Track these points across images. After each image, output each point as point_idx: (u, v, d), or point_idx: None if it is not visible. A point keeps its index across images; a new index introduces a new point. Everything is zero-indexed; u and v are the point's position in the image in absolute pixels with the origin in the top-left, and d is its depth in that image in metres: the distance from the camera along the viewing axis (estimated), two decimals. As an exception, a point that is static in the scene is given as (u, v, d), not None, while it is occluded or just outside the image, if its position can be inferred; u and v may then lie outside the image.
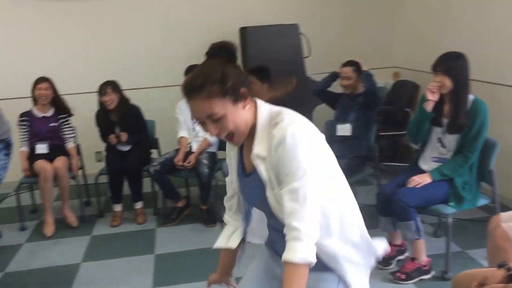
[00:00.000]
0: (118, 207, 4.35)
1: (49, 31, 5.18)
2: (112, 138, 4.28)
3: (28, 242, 4.04)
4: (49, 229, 4.15)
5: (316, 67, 5.02)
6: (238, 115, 1.47)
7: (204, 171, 4.06)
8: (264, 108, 1.54)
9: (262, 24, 4.84)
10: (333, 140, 3.94)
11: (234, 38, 5.20)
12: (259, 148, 1.49)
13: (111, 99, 4.23)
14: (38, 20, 5.14)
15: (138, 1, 5.25)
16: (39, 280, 3.43)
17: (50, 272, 3.52)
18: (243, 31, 4.85)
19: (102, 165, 4.58)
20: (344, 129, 3.94)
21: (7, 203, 4.91)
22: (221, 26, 5.30)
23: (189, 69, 4.22)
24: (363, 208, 1.50)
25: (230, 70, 1.46)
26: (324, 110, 4.49)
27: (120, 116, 4.32)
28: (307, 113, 4.66)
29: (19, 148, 4.22)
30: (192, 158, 4.13)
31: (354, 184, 3.76)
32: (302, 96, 4.67)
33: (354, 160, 3.80)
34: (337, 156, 3.65)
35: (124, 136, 4.28)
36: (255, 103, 1.55)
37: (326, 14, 5.55)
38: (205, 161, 4.13)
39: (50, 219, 4.19)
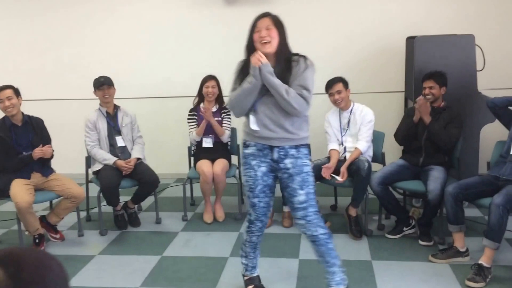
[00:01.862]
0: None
1: (214, 34, 5.53)
2: None
3: (183, 231, 4.32)
4: (208, 217, 4.45)
5: (489, 82, 4.60)
6: None
7: (364, 165, 3.90)
8: None
9: (432, 34, 4.57)
10: (506, 160, 3.55)
11: (400, 48, 5.02)
12: None
13: None
14: (207, 24, 5.53)
15: (306, 10, 5.33)
16: (191, 267, 3.62)
17: (200, 262, 3.70)
18: (411, 40, 4.63)
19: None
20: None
21: (166, 193, 5.36)
22: (388, 36, 5.18)
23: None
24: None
25: None
26: (494, 129, 4.07)
27: None
28: (474, 130, 4.33)
29: (192, 133, 4.54)
30: (344, 169, 4.02)
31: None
32: (471, 112, 4.31)
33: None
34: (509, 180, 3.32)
35: None
36: None
37: (507, 25, 5.07)
38: (364, 158, 3.99)
39: (209, 208, 4.49)
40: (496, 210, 3.24)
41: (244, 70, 2.83)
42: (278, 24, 2.75)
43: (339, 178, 4.00)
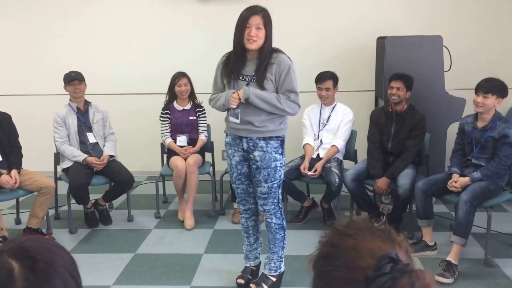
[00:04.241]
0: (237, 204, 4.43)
1: (188, 31, 5.50)
2: None
3: (156, 229, 4.29)
4: (183, 215, 4.38)
5: (455, 82, 4.75)
6: None
7: (335, 180, 4.01)
8: None
9: (401, 34, 4.69)
10: (469, 164, 3.68)
11: (371, 48, 5.12)
12: None
13: None
14: (179, 21, 5.50)
15: (278, 9, 5.33)
16: (165, 264, 3.60)
17: (175, 259, 3.69)
18: (381, 40, 4.74)
19: (226, 163, 4.70)
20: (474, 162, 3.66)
21: (138, 190, 5.30)
22: (358, 35, 5.28)
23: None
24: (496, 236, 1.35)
25: None
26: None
27: None
28: (441, 128, 4.46)
29: (166, 140, 4.50)
30: (318, 166, 4.11)
31: (489, 208, 3.51)
32: (438, 111, 4.45)
33: (493, 183, 3.51)
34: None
35: None
36: None
37: (472, 28, 5.24)
38: (335, 170, 4.08)
39: (183, 206, 4.41)
40: (464, 206, 3.36)
41: (227, 63, 3.00)
42: (267, 24, 2.88)
43: (310, 173, 4.09)
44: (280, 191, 3.10)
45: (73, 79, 4.21)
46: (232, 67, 2.97)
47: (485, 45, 5.27)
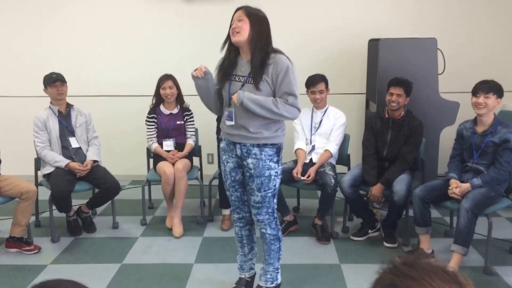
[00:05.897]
0: (226, 211, 4.30)
1: (174, 32, 5.34)
2: None
3: (142, 236, 4.11)
4: (171, 222, 4.22)
5: (449, 85, 4.69)
6: None
7: (331, 181, 3.88)
8: None
9: (392, 36, 4.60)
10: (468, 169, 3.60)
11: (362, 50, 5.02)
12: None
13: None
14: (165, 22, 5.33)
15: (268, 10, 5.20)
16: (154, 275, 3.44)
17: (164, 269, 3.53)
18: (374, 43, 4.64)
19: (213, 167, 4.56)
20: (474, 167, 3.58)
21: (122, 195, 5.10)
22: (349, 37, 5.19)
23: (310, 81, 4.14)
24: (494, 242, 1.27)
25: None
26: (454, 131, 4.13)
27: None
28: (435, 132, 4.39)
29: (152, 146, 4.33)
30: (312, 172, 3.98)
31: (489, 215, 3.43)
32: (432, 114, 4.38)
33: (493, 189, 3.43)
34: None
35: None
36: None
37: (468, 30, 5.20)
38: (330, 172, 3.96)
39: (172, 213, 4.24)
40: (465, 214, 3.27)
41: (221, 67, 2.87)
42: (251, 15, 2.73)
43: (303, 178, 3.96)
44: (275, 200, 2.94)
45: (55, 81, 4.01)
46: (226, 68, 2.82)
47: (479, 48, 5.23)
